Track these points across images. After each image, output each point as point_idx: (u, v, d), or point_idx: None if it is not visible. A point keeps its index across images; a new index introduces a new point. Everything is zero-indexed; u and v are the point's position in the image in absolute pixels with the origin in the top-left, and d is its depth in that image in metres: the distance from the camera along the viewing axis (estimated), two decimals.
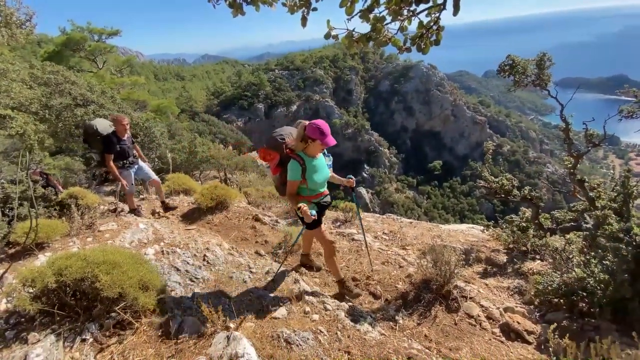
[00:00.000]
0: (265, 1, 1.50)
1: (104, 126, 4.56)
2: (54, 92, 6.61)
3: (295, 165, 2.67)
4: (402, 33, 1.44)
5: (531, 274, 3.75)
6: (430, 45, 1.48)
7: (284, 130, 2.91)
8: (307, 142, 2.65)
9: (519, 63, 5.18)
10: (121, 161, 4.62)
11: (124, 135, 4.61)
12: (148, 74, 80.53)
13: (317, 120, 2.63)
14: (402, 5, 1.33)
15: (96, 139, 4.52)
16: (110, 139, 4.44)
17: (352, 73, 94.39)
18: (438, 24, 1.42)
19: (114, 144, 4.45)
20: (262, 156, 2.94)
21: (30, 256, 3.44)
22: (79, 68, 16.85)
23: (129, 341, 2.25)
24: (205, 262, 3.43)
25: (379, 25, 1.39)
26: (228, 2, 1.49)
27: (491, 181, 4.80)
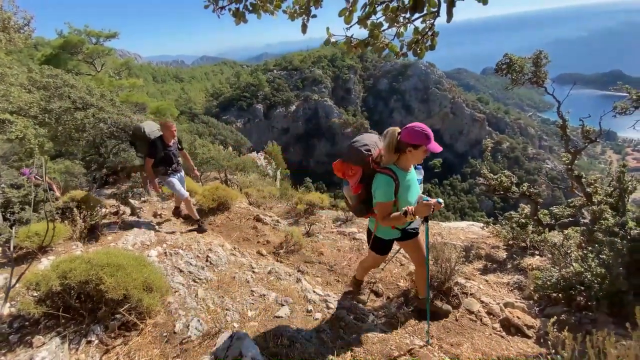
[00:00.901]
0: (267, 10, 1.53)
1: (151, 129, 4.42)
2: (52, 95, 6.63)
3: (388, 182, 2.19)
4: (399, 39, 1.47)
5: (530, 269, 3.79)
6: (425, 50, 1.51)
7: (366, 140, 2.39)
8: (405, 151, 2.20)
9: (516, 62, 5.21)
10: (165, 167, 4.44)
11: (170, 141, 4.41)
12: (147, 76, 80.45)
13: (415, 123, 2.18)
14: (398, 12, 1.36)
15: (142, 142, 4.38)
16: (155, 143, 4.27)
17: (351, 72, 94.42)
18: (433, 30, 1.45)
19: (158, 149, 4.28)
20: (340, 171, 2.46)
21: (33, 260, 3.46)
22: (77, 71, 16.83)
23: (134, 342, 2.28)
24: (208, 263, 3.46)
25: (377, 31, 1.43)
26: (232, 12, 1.52)
27: (490, 178, 4.83)
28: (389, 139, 2.21)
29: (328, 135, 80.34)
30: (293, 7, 1.53)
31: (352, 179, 2.41)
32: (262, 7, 1.51)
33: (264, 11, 1.53)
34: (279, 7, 1.53)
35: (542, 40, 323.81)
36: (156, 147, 4.26)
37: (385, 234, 2.57)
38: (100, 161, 8.55)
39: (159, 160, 4.34)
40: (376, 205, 2.27)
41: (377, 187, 2.23)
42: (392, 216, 2.22)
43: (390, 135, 2.21)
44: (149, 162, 4.29)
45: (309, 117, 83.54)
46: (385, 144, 2.25)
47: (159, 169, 4.42)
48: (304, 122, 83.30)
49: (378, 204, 2.25)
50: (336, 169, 2.47)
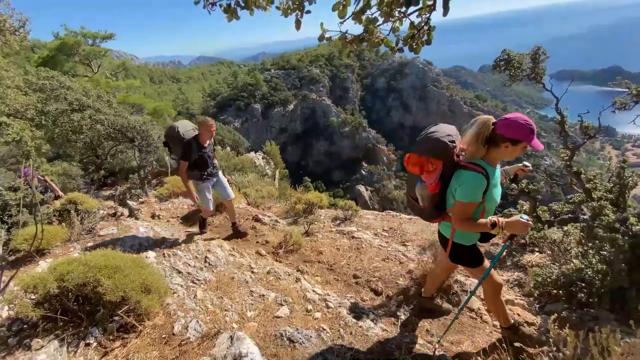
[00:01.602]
0: (259, 5, 1.50)
1: (186, 129, 3.95)
2: (49, 97, 6.60)
3: (479, 180, 1.87)
4: (394, 34, 1.45)
5: (530, 266, 3.78)
6: (421, 45, 1.49)
7: (447, 129, 2.06)
8: (499, 146, 1.88)
9: (514, 57, 5.20)
10: (199, 171, 3.97)
11: (206, 141, 3.94)
12: (143, 77, 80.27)
13: (516, 115, 1.87)
14: (393, 7, 1.34)
15: (176, 143, 3.92)
16: (189, 144, 3.81)
17: (348, 71, 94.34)
18: (429, 24, 1.43)
19: (193, 150, 3.82)
20: (416, 165, 2.04)
21: (31, 263, 3.44)
22: (74, 73, 16.77)
23: (133, 344, 2.27)
24: (207, 264, 3.44)
25: (372, 26, 1.41)
26: (223, 8, 1.50)
27: None
28: (479, 129, 1.89)
29: (326, 134, 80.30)
30: (286, 3, 1.51)
31: (432, 175, 2.01)
32: (254, 2, 1.48)
33: (256, 7, 1.51)
34: (271, 2, 1.50)
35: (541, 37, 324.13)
36: (191, 148, 3.80)
37: (467, 238, 2.16)
38: (97, 163, 8.52)
39: (193, 164, 3.90)
40: (456, 205, 1.95)
41: (463, 184, 1.91)
42: (476, 222, 1.91)
43: (482, 125, 1.89)
44: (183, 166, 3.84)
45: (307, 117, 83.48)
46: (472, 134, 1.93)
47: (194, 173, 3.97)
48: (302, 121, 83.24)
49: (459, 204, 1.92)
50: (411, 163, 2.06)
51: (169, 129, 4.02)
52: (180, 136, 3.87)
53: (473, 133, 1.93)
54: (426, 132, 2.08)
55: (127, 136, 7.12)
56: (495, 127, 1.88)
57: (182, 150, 3.79)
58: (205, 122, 3.87)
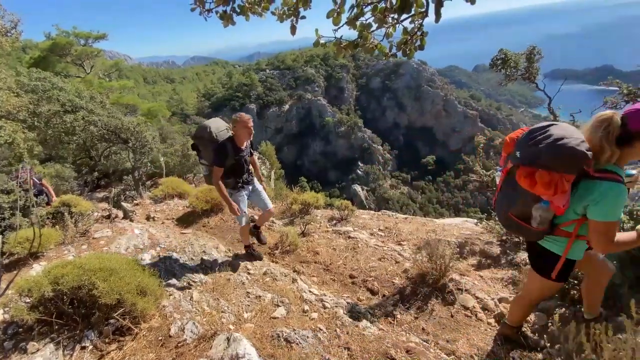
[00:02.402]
0: (255, 11, 1.51)
1: (219, 129, 3.35)
2: (41, 99, 6.53)
3: (623, 192, 1.53)
4: (388, 39, 1.48)
5: (524, 264, 3.83)
6: (415, 51, 1.52)
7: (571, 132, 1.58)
8: (633, 145, 1.52)
9: (510, 57, 5.27)
10: (234, 179, 3.40)
11: (243, 143, 3.36)
12: (137, 78, 79.64)
13: None
14: (386, 13, 1.37)
15: (208, 146, 3.30)
16: (224, 147, 3.21)
17: (344, 71, 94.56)
18: (421, 30, 1.46)
19: (228, 154, 3.22)
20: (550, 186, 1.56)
21: (25, 266, 3.41)
22: (66, 73, 16.60)
23: (129, 347, 2.26)
24: (203, 266, 3.43)
25: (366, 32, 1.43)
26: (219, 14, 1.51)
27: (483, 175, 4.87)
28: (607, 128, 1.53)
29: (322, 134, 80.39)
30: (282, 9, 1.52)
31: (566, 194, 1.58)
32: (250, 9, 1.50)
33: (252, 13, 1.52)
34: (267, 9, 1.52)
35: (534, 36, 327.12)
36: (226, 151, 3.21)
37: (579, 253, 1.84)
38: (91, 164, 8.45)
39: (227, 170, 3.30)
40: (598, 227, 1.59)
41: (606, 200, 1.53)
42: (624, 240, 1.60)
43: (609, 122, 1.53)
44: (217, 172, 3.22)
45: (303, 117, 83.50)
46: (599, 135, 1.55)
47: (228, 182, 3.36)
48: (297, 121, 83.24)
49: (604, 225, 1.56)
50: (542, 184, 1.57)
51: (200, 130, 3.38)
52: (212, 137, 3.26)
53: (601, 135, 1.55)
54: (547, 135, 1.60)
55: (121, 137, 7.07)
56: (627, 123, 1.51)
57: (216, 154, 3.19)
58: (240, 119, 3.22)
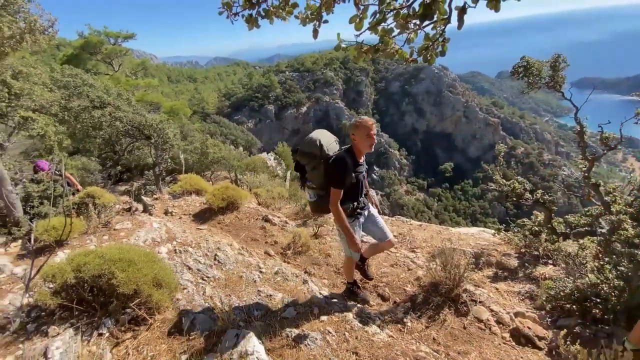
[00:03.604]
0: (279, 15, 1.55)
1: (329, 142, 2.72)
2: (72, 94, 6.87)
3: None
4: (409, 45, 1.48)
5: (543, 278, 3.70)
6: (436, 56, 1.51)
7: None
8: None
9: (533, 65, 5.11)
10: (351, 202, 2.70)
11: (362, 155, 2.71)
12: (162, 77, 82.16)
13: None
14: (408, 19, 1.37)
15: (318, 162, 2.66)
16: (344, 162, 2.54)
17: (363, 74, 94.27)
18: (443, 36, 1.45)
19: (348, 171, 2.55)
20: None
21: (50, 253, 3.58)
22: (96, 71, 17.35)
23: (143, 336, 2.33)
24: (216, 262, 3.50)
25: (387, 37, 1.43)
26: (245, 18, 1.56)
27: (503, 184, 4.74)
28: None
29: (338, 137, 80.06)
30: (305, 13, 1.55)
31: None
32: (274, 13, 1.54)
33: (276, 17, 1.56)
34: (291, 13, 1.55)
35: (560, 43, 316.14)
36: (345, 168, 2.54)
37: None
38: (115, 158, 8.78)
39: (344, 192, 2.60)
40: None
41: None
42: None
43: None
44: (337, 195, 2.54)
45: (320, 119, 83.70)
46: None
47: (344, 207, 2.64)
48: (314, 123, 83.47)
49: None
50: None
51: (308, 145, 2.69)
52: (324, 153, 2.63)
53: None
54: None
55: (144, 133, 7.32)
56: None
57: (336, 172, 2.54)
58: (363, 123, 2.57)
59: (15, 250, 3.78)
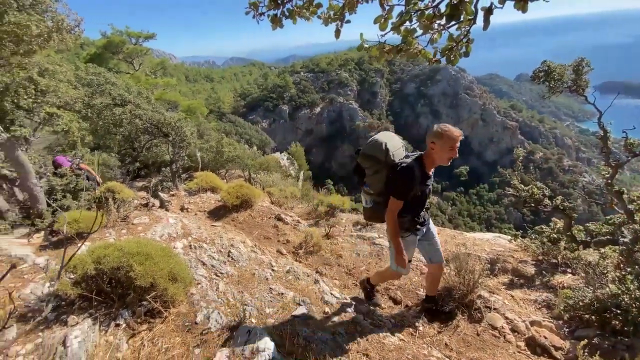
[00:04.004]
0: (303, 15, 1.58)
1: (396, 147, 2.47)
2: (95, 92, 7.12)
3: None
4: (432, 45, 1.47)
5: (561, 287, 3.59)
6: (459, 57, 1.50)
7: None
8: None
9: (554, 69, 4.96)
10: (411, 217, 2.47)
11: (432, 167, 2.43)
12: (180, 76, 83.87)
13: None
14: (433, 20, 1.37)
15: (381, 167, 2.43)
16: (412, 173, 2.30)
17: (378, 75, 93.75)
18: (468, 37, 1.43)
19: (415, 183, 2.32)
20: None
21: (71, 244, 3.71)
22: (117, 69, 17.89)
23: (158, 329, 2.39)
24: (230, 258, 3.55)
25: (410, 38, 1.43)
26: (270, 18, 1.59)
27: (520, 189, 4.63)
28: None
29: (352, 138, 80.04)
30: (327, 13, 1.57)
31: None
32: (298, 12, 1.56)
33: (300, 16, 1.58)
34: (315, 13, 1.57)
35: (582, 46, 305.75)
36: (414, 179, 2.31)
37: None
38: (133, 155, 9.02)
39: (406, 204, 2.39)
40: None
41: None
42: None
43: None
44: (396, 207, 2.36)
45: (333, 120, 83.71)
46: None
47: (402, 220, 2.44)
48: (327, 124, 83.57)
49: None
50: None
51: (372, 147, 2.44)
52: (389, 159, 2.39)
53: None
54: None
55: (162, 131, 7.51)
56: None
57: (398, 183, 2.32)
58: (449, 133, 2.25)
59: (37, 242, 3.94)
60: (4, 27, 3.33)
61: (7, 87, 4.17)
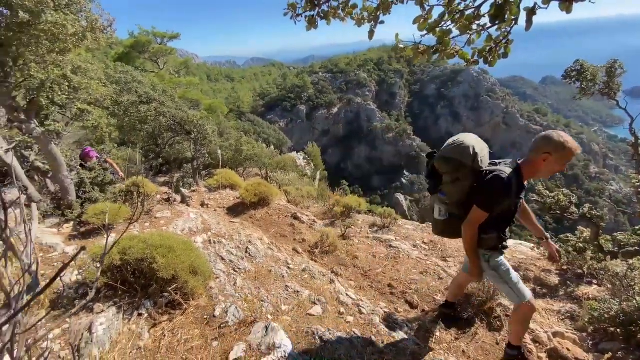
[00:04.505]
0: (338, 16, 1.61)
1: (483, 151, 2.18)
2: (123, 90, 7.41)
3: None
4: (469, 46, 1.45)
5: (586, 299, 3.45)
6: (498, 58, 1.46)
7: None
8: None
9: (587, 69, 4.78)
10: (497, 234, 2.15)
11: (528, 179, 2.14)
12: (202, 75, 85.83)
13: None
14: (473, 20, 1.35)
15: (465, 174, 2.14)
16: (509, 186, 1.99)
17: (397, 76, 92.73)
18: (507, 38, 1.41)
19: (510, 197, 2.04)
20: None
21: (98, 235, 3.87)
22: (143, 68, 18.51)
23: (178, 320, 2.46)
24: (247, 254, 3.61)
25: (447, 38, 1.42)
26: (307, 19, 1.62)
27: (545, 196, 4.48)
28: None
29: (368, 139, 79.52)
30: (361, 14, 1.58)
31: None
32: (333, 14, 1.58)
33: (334, 17, 1.60)
34: (350, 14, 1.59)
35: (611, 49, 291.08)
36: (509, 193, 2.02)
37: None
38: (157, 151, 9.31)
39: (492, 219, 2.08)
40: None
41: None
42: None
43: None
44: (480, 217, 2.07)
45: (351, 120, 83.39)
46: None
47: (487, 238, 2.15)
48: (344, 124, 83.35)
49: None
50: None
51: (457, 150, 2.14)
52: (477, 164, 2.11)
53: None
54: None
55: (185, 129, 7.72)
56: None
57: (491, 193, 2.02)
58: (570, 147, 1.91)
59: (67, 231, 4.14)
60: (42, 26, 3.51)
61: (42, 84, 4.38)
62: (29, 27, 3.42)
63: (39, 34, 3.54)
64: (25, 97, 4.43)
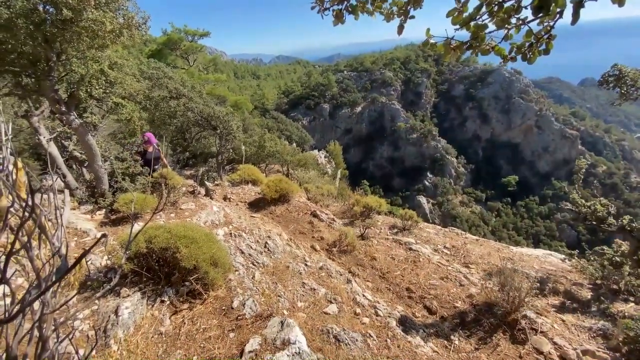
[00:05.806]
0: (366, 10, 1.57)
1: None
2: (155, 85, 7.72)
3: None
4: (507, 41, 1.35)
5: (621, 317, 3.22)
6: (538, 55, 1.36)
7: None
8: None
9: (627, 74, 4.45)
10: None
11: None
12: (229, 72, 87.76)
13: None
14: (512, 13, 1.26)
15: None
16: None
17: (424, 76, 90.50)
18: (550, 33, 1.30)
19: None
20: None
21: (127, 223, 4.05)
22: (174, 65, 19.17)
23: (198, 309, 2.53)
24: (266, 249, 3.66)
25: (481, 33, 1.33)
26: (335, 13, 1.59)
27: (581, 205, 4.21)
28: None
29: (391, 139, 78.23)
30: (390, 8, 1.53)
31: None
32: (361, 8, 1.55)
33: (362, 12, 1.57)
34: (379, 8, 1.55)
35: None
36: None
37: None
38: (184, 145, 9.63)
39: None
40: None
41: None
42: None
43: None
44: None
45: (374, 120, 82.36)
46: None
47: None
48: (367, 124, 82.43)
49: None
50: None
51: None
52: None
53: None
54: None
55: (211, 124, 7.93)
56: None
57: None
58: None
59: (99, 218, 4.36)
60: (83, 23, 3.71)
61: (82, 78, 4.64)
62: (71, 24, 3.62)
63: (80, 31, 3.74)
64: (67, 90, 4.71)
